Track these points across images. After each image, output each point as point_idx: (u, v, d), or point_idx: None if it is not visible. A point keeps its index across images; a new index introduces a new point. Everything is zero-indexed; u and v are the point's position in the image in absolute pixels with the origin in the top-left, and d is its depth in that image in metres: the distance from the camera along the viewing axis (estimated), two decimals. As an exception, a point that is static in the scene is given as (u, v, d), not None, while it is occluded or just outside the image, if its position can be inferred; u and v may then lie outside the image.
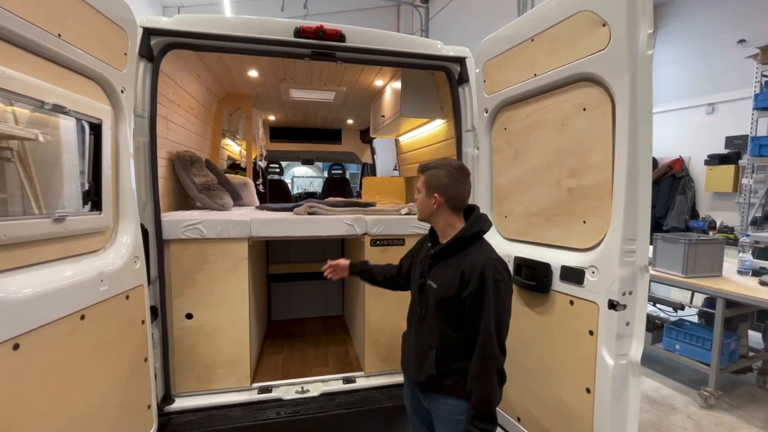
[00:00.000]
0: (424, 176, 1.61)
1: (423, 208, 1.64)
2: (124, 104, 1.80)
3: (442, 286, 1.54)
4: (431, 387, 1.59)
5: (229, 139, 4.81)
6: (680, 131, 6.48)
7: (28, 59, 1.29)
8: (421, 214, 1.67)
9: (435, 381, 1.55)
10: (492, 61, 2.25)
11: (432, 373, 1.54)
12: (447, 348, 1.54)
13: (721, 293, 3.13)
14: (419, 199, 1.64)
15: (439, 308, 1.55)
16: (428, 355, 1.56)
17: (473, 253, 1.51)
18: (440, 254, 1.59)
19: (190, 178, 2.83)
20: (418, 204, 1.66)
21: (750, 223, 5.27)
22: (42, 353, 1.28)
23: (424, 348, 1.59)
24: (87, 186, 1.63)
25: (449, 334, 1.53)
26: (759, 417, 3.13)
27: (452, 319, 1.52)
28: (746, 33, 5.60)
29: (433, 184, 1.58)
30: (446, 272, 1.54)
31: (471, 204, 1.65)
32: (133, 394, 1.80)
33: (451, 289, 1.50)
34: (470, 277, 1.45)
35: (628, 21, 1.48)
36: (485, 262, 1.45)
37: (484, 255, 1.48)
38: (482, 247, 1.54)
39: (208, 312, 2.33)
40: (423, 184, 1.61)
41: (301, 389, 2.44)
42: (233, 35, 2.22)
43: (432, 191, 1.57)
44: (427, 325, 1.60)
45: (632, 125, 1.52)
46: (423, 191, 1.61)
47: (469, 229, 1.55)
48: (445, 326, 1.54)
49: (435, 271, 1.60)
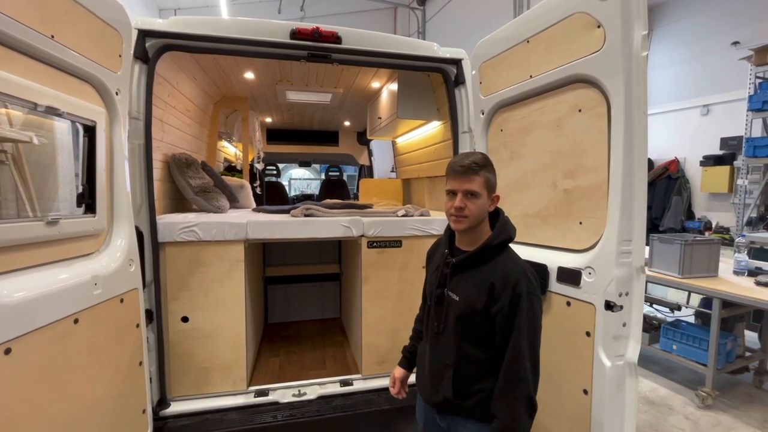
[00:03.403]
0: (482, 176, 1.35)
1: (481, 214, 1.38)
2: (118, 106, 1.79)
3: (466, 300, 1.37)
4: (448, 410, 1.44)
5: (225, 141, 4.80)
6: (675, 132, 6.52)
7: (20, 61, 1.28)
8: (474, 222, 1.38)
9: (452, 404, 1.41)
10: (488, 62, 2.25)
11: (448, 396, 1.40)
12: (466, 367, 1.39)
13: (717, 293, 3.13)
14: (478, 204, 1.36)
15: (460, 324, 1.39)
16: (444, 375, 1.42)
17: (503, 263, 1.36)
18: (464, 264, 1.41)
19: (185, 180, 2.82)
20: (474, 210, 1.36)
21: (745, 224, 5.30)
22: (34, 357, 1.26)
23: (440, 367, 1.45)
24: (81, 188, 1.62)
25: (469, 352, 1.38)
26: (755, 417, 3.14)
27: (475, 335, 1.37)
28: (740, 35, 5.64)
29: (493, 184, 1.38)
30: (471, 284, 1.38)
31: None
32: (127, 399, 1.79)
33: (477, 303, 1.34)
34: (502, 290, 1.30)
35: (622, 22, 1.49)
36: (518, 274, 1.30)
37: (515, 266, 1.34)
38: (511, 257, 1.39)
39: (204, 315, 2.32)
40: (484, 185, 1.36)
41: (298, 392, 2.43)
42: (229, 37, 2.21)
43: (492, 191, 1.39)
44: (443, 342, 1.45)
45: (627, 126, 1.52)
46: (485, 194, 1.36)
47: (498, 236, 1.39)
48: (465, 343, 1.39)
49: (456, 282, 1.42)
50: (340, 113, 4.88)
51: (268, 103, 4.40)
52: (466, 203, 1.35)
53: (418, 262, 2.65)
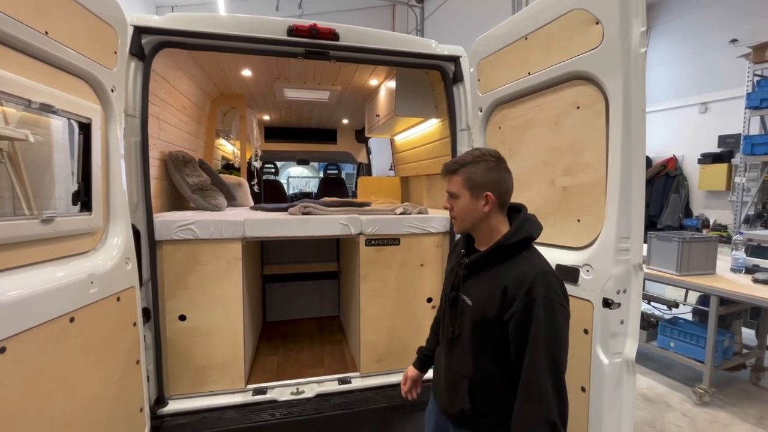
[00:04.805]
0: (460, 175, 1.28)
1: (469, 215, 1.29)
2: (114, 103, 1.77)
3: (479, 305, 1.26)
4: (465, 423, 1.32)
5: (223, 139, 4.78)
6: (673, 130, 6.53)
7: (13, 57, 1.27)
8: (466, 224, 1.32)
9: (470, 418, 1.28)
10: (486, 59, 2.24)
11: (465, 408, 1.28)
12: (483, 379, 1.27)
13: (714, 291, 3.14)
14: (460, 205, 1.30)
15: (475, 332, 1.27)
16: (460, 385, 1.31)
17: (519, 264, 1.22)
18: (477, 264, 1.30)
19: (183, 178, 2.80)
20: (458, 212, 1.31)
21: (743, 221, 5.32)
22: (29, 356, 1.25)
23: (456, 376, 1.34)
24: (76, 186, 1.60)
25: (486, 364, 1.26)
26: (752, 414, 3.15)
27: (491, 346, 1.24)
28: (738, 32, 5.64)
29: (478, 182, 1.26)
30: (484, 286, 1.27)
31: (514, 203, 1.36)
32: (124, 397, 1.78)
33: (489, 309, 1.22)
34: (515, 294, 1.16)
35: (621, 19, 1.48)
36: (535, 276, 1.16)
37: (533, 267, 1.19)
38: (531, 258, 1.25)
39: (202, 313, 2.31)
40: (463, 185, 1.28)
41: (296, 390, 2.42)
42: (226, 34, 2.20)
43: (480, 190, 1.26)
44: (459, 350, 1.34)
45: (626, 123, 1.52)
46: (465, 194, 1.28)
47: (516, 234, 1.26)
48: (481, 354, 1.27)
49: (470, 284, 1.32)
50: (338, 111, 4.86)
51: (266, 101, 4.38)
52: (451, 204, 1.33)
53: (416, 260, 2.65)
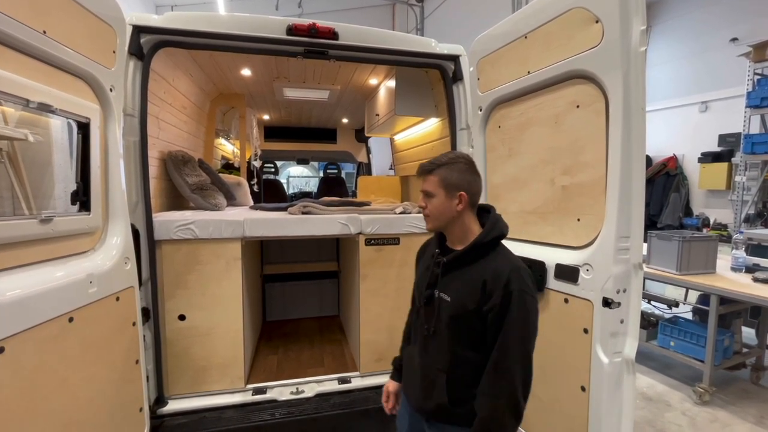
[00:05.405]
0: (436, 175, 1.36)
1: (443, 213, 1.37)
2: (113, 103, 1.77)
3: (458, 300, 1.33)
4: (441, 417, 1.38)
5: (222, 139, 4.78)
6: (674, 129, 6.51)
7: (10, 56, 1.26)
8: (439, 222, 1.40)
9: (445, 410, 1.35)
10: (486, 58, 2.24)
11: (442, 402, 1.34)
12: (459, 372, 1.34)
13: (714, 290, 3.14)
14: (435, 204, 1.37)
15: (453, 326, 1.34)
16: (437, 380, 1.36)
17: (495, 260, 1.32)
18: (455, 262, 1.37)
19: (182, 177, 2.80)
20: (432, 210, 1.38)
21: (743, 220, 5.31)
22: (28, 356, 1.25)
23: (432, 372, 1.39)
24: (75, 186, 1.60)
25: (464, 355, 1.33)
26: (752, 413, 3.15)
27: (469, 337, 1.32)
28: (739, 31, 5.63)
29: (453, 182, 1.34)
30: (462, 283, 1.34)
31: (483, 203, 1.46)
32: (124, 397, 1.78)
33: (469, 303, 1.29)
34: (493, 288, 1.25)
35: (621, 17, 1.48)
36: (510, 272, 1.26)
37: (508, 263, 1.30)
38: (504, 254, 1.35)
39: (202, 313, 2.31)
40: (439, 184, 1.36)
41: (296, 390, 2.42)
42: (225, 33, 2.20)
43: (454, 190, 1.34)
44: (435, 346, 1.39)
45: (626, 122, 1.51)
46: (441, 193, 1.35)
47: (490, 233, 1.35)
48: (458, 346, 1.34)
49: (447, 282, 1.38)
50: (337, 110, 4.86)
51: (266, 100, 4.38)
52: (426, 202, 1.41)
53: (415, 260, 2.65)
